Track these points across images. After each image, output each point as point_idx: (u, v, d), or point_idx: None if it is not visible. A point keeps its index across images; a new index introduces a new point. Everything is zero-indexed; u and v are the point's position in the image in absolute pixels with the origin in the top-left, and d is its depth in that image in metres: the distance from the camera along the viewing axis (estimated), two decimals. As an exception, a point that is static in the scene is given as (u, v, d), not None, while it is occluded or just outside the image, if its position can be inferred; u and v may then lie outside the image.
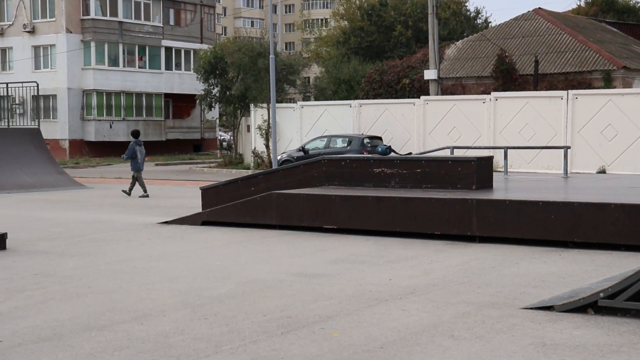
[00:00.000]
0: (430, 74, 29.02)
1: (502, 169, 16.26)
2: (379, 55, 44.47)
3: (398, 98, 31.40)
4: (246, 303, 6.67)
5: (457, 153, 17.60)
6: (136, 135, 19.54)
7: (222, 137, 49.98)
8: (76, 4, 43.82)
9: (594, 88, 27.43)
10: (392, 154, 13.23)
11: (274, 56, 27.93)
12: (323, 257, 9.08)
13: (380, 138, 26.67)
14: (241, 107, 33.69)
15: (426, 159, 12.29)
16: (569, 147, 17.70)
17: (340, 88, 38.99)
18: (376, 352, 5.18)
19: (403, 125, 27.49)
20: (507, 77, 29.81)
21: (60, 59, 43.40)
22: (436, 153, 17.52)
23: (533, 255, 8.95)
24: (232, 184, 13.73)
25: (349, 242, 10.19)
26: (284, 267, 8.44)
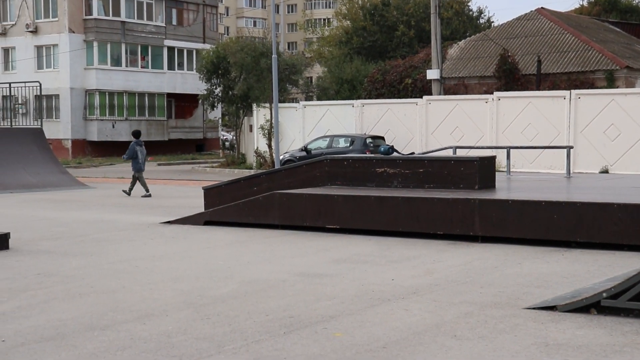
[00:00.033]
0: (432, 74, 29.00)
1: (505, 169, 16.26)
2: (382, 55, 44.45)
3: (400, 98, 31.39)
4: (249, 303, 6.67)
5: (460, 153, 17.60)
6: (137, 135, 19.56)
7: (225, 137, 49.97)
8: (79, 4, 43.85)
9: (597, 88, 27.39)
10: (395, 154, 13.23)
11: (277, 56, 27.91)
12: (325, 257, 9.08)
13: (382, 138, 26.65)
14: (244, 107, 33.70)
15: (429, 159, 12.28)
16: (572, 147, 17.69)
17: (342, 88, 38.98)
18: (379, 352, 5.18)
19: (405, 125, 27.47)
20: (510, 77, 29.78)
21: (62, 59, 43.43)
22: (439, 153, 17.52)
23: (536, 255, 8.95)
24: (235, 184, 13.73)
25: (352, 242, 10.19)
26: (287, 267, 8.44)
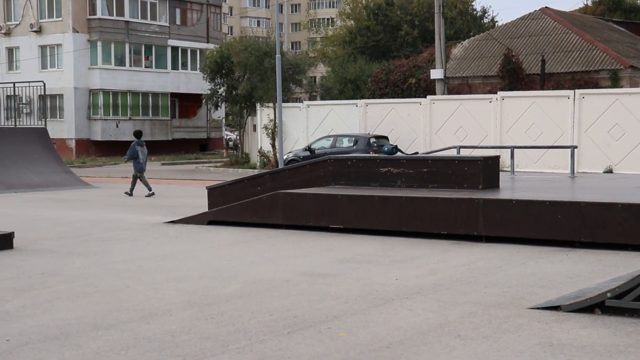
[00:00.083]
0: (436, 74, 28.99)
1: (509, 169, 16.24)
2: (385, 54, 44.45)
3: (404, 97, 31.38)
4: (253, 302, 6.67)
5: (464, 153, 17.58)
6: (138, 135, 19.57)
7: (228, 137, 50.02)
8: (83, 4, 43.91)
9: (601, 87, 27.36)
10: (399, 154, 13.21)
11: (280, 56, 27.94)
12: (329, 257, 9.08)
13: (386, 137, 26.65)
14: (247, 107, 33.72)
15: (433, 159, 12.27)
16: (576, 147, 17.65)
17: (346, 87, 38.98)
18: (382, 352, 5.17)
19: (409, 124, 27.47)
20: (514, 77, 29.76)
21: (66, 59, 43.50)
22: (443, 153, 17.50)
23: (540, 255, 8.94)
24: (239, 184, 13.73)
25: (355, 242, 10.18)
26: (291, 267, 8.44)
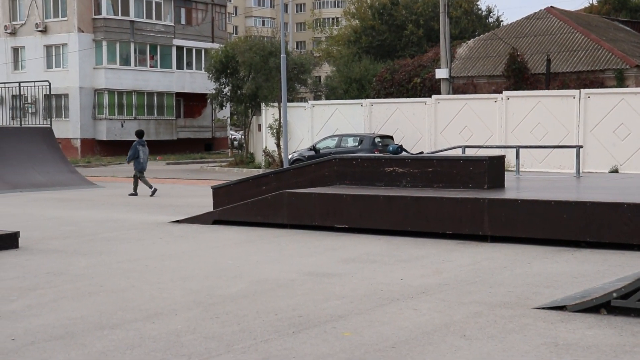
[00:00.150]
0: (441, 73, 28.96)
1: (514, 169, 16.21)
2: (390, 54, 44.41)
3: (409, 97, 31.36)
4: (258, 302, 6.67)
5: (469, 152, 17.57)
6: (140, 135, 19.56)
7: (233, 136, 50.05)
8: (88, 4, 43.98)
9: (607, 87, 27.30)
10: (404, 153, 13.21)
11: (285, 55, 27.93)
12: (334, 257, 9.08)
13: (391, 137, 26.63)
14: (252, 106, 33.73)
15: (438, 158, 12.25)
16: (581, 147, 17.63)
17: (351, 87, 38.96)
18: (388, 352, 5.17)
19: (414, 124, 27.44)
20: (519, 76, 29.71)
21: (72, 58, 43.57)
22: (448, 152, 17.48)
23: (545, 255, 8.92)
24: (243, 183, 13.74)
25: (361, 242, 10.18)
26: (295, 267, 8.44)
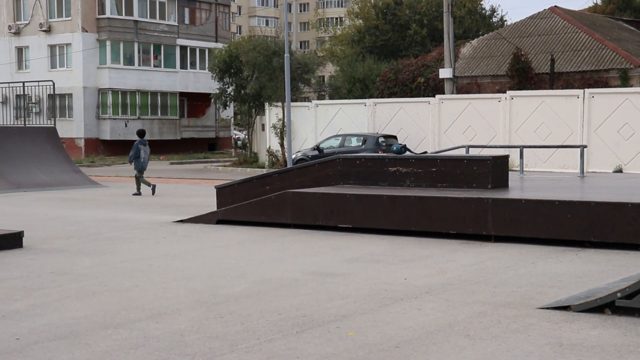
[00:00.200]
0: (445, 73, 28.94)
1: (518, 168, 16.20)
2: (394, 53, 44.40)
3: (413, 97, 31.34)
4: (261, 302, 6.67)
5: (473, 152, 17.54)
6: (142, 134, 19.55)
7: (237, 136, 50.10)
8: (92, 3, 44.02)
9: (611, 87, 27.26)
10: (407, 153, 13.19)
11: (289, 55, 27.94)
12: (338, 256, 9.07)
13: (395, 137, 26.62)
14: (256, 106, 33.73)
15: (441, 158, 12.25)
16: (585, 146, 17.61)
17: (355, 87, 38.96)
18: (392, 352, 5.16)
19: (418, 124, 27.43)
20: (523, 76, 29.68)
21: (76, 58, 43.62)
22: (451, 152, 17.47)
23: (549, 254, 8.91)
24: (247, 183, 13.74)
25: (364, 241, 10.17)
26: (299, 266, 8.44)
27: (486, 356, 5.04)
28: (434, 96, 28.10)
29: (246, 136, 38.45)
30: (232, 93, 34.52)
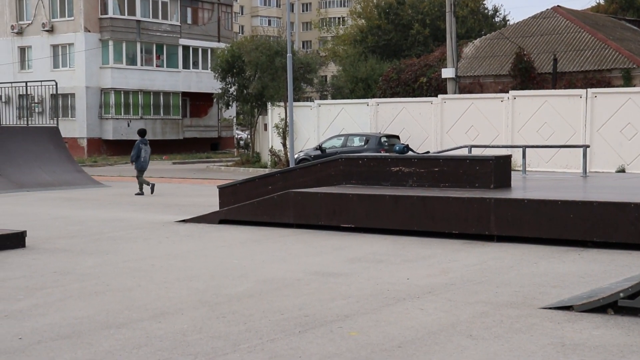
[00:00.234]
0: (447, 73, 28.93)
1: (521, 168, 16.19)
2: (397, 53, 44.40)
3: (415, 97, 31.32)
4: (264, 301, 6.67)
5: (475, 152, 17.55)
6: (142, 134, 19.53)
7: (239, 136, 50.09)
8: (94, 3, 44.05)
9: (614, 86, 27.23)
10: (410, 153, 13.19)
11: (291, 55, 27.93)
12: (340, 256, 9.07)
13: (397, 137, 26.62)
14: (258, 106, 33.74)
15: (444, 158, 12.24)
16: (588, 146, 17.61)
17: (357, 87, 38.96)
18: (394, 351, 5.16)
19: (420, 124, 27.42)
20: (526, 76, 29.66)
21: (78, 58, 43.65)
22: (454, 152, 17.46)
23: (552, 254, 8.90)
24: (250, 183, 13.74)
25: (367, 241, 10.17)
26: (302, 266, 8.44)
27: (489, 356, 5.03)
28: (437, 96, 28.08)
29: (248, 136, 38.46)
30: (235, 93, 34.53)
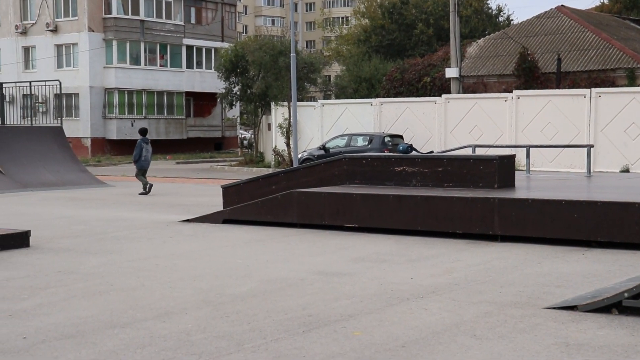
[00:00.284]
0: (451, 72, 28.92)
1: (524, 168, 16.17)
2: (400, 53, 44.37)
3: (419, 96, 31.31)
4: (268, 301, 6.67)
5: (479, 152, 17.52)
6: (144, 133, 19.54)
7: (243, 136, 50.10)
8: (98, 3, 44.10)
9: (618, 86, 27.19)
10: (414, 153, 13.18)
11: (295, 54, 27.93)
12: (344, 256, 9.07)
13: (401, 136, 26.61)
14: (262, 106, 33.75)
15: (448, 158, 12.23)
16: (592, 146, 17.55)
17: (361, 86, 38.95)
18: (398, 351, 5.16)
19: (424, 123, 27.40)
20: (530, 76, 29.62)
21: (82, 58, 43.71)
22: (458, 152, 17.44)
23: (556, 254, 8.89)
24: (253, 183, 13.74)
25: (370, 241, 10.17)
26: (305, 266, 8.44)
27: (493, 356, 5.03)
28: (440, 96, 28.06)
29: (252, 136, 38.48)
30: (238, 92, 34.54)
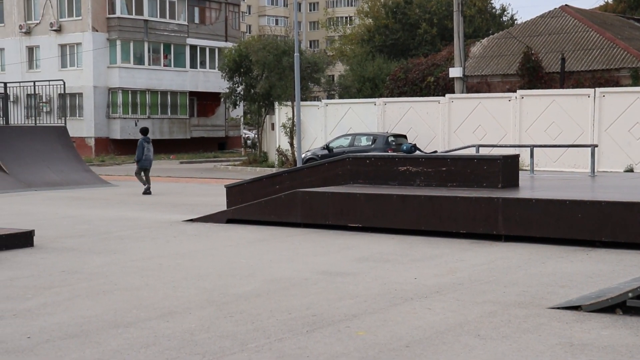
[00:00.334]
0: (455, 72, 28.89)
1: (528, 168, 16.16)
2: (404, 53, 44.36)
3: (423, 96, 31.29)
4: (271, 301, 6.68)
5: (483, 151, 17.52)
6: (145, 132, 19.55)
7: (247, 135, 50.11)
8: (102, 3, 44.14)
9: (622, 86, 27.14)
10: (417, 152, 13.17)
11: (299, 54, 27.93)
12: (348, 256, 9.07)
13: (405, 136, 26.59)
14: (265, 105, 33.76)
15: (451, 158, 12.22)
16: (596, 146, 17.56)
17: (364, 86, 38.93)
18: (402, 351, 5.16)
19: (428, 123, 27.39)
20: (533, 75, 29.58)
21: (86, 58, 43.75)
22: (461, 151, 17.43)
23: (560, 254, 8.88)
24: (257, 182, 13.75)
25: (374, 241, 10.17)
26: (309, 266, 8.44)
27: (497, 356, 5.03)
28: (444, 95, 28.04)
29: (256, 135, 38.48)
30: (242, 92, 34.55)
